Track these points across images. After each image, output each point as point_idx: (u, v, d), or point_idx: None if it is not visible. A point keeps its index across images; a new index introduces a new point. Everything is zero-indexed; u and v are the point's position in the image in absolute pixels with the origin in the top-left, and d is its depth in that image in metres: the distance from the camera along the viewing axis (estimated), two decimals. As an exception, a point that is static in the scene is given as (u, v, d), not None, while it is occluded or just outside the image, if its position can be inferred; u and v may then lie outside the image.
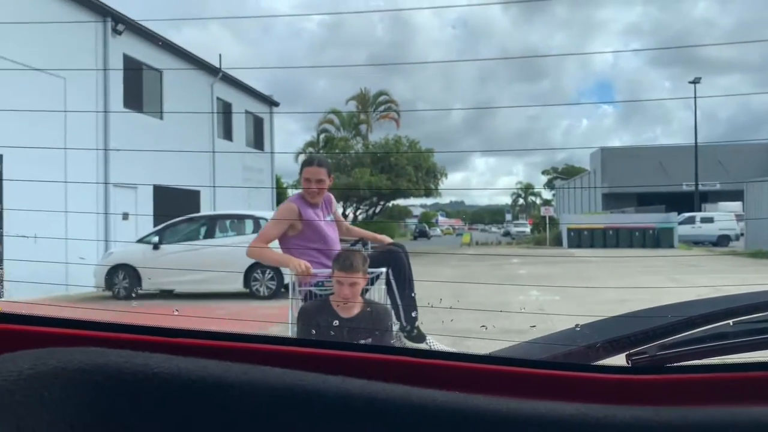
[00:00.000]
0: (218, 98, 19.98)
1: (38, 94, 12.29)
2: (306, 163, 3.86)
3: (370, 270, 3.38)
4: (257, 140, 23.59)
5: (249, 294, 11.05)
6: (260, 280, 11.09)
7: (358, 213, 31.73)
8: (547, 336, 1.12)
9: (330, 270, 3.38)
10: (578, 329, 1.10)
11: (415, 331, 3.57)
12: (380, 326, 3.17)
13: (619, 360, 0.97)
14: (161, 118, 16.62)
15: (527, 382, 0.82)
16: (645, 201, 38.60)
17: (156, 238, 11.55)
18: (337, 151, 31.04)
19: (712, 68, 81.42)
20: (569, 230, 28.68)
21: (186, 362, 0.67)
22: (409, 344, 3.50)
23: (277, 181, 26.95)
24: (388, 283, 3.58)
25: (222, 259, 10.54)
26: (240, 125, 22.02)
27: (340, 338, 3.10)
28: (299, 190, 3.89)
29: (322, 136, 32.40)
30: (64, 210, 12.27)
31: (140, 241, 11.72)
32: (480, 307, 7.21)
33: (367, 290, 3.40)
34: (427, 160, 29.00)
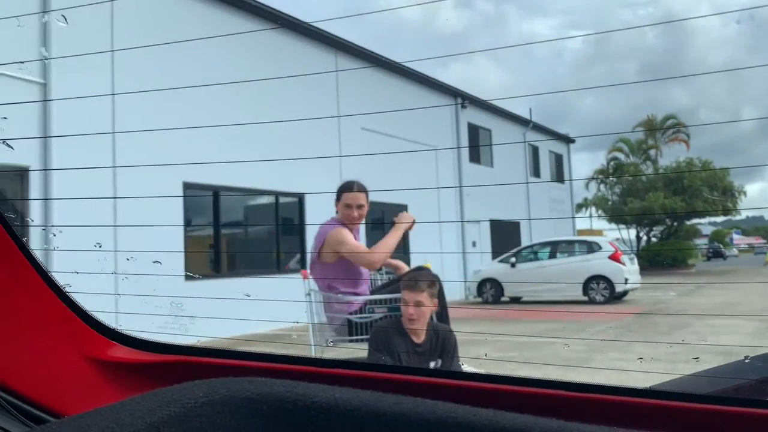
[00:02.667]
0: (529, 144, 24.05)
1: (418, 162, 17.52)
2: (344, 189, 3.69)
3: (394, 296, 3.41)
4: (558, 174, 27.18)
5: (588, 301, 14.43)
6: (596, 289, 14.40)
7: (651, 235, 33.02)
8: (713, 369, 1.05)
9: (365, 297, 3.57)
10: (748, 361, 1.02)
11: None
12: (448, 350, 3.16)
13: None
14: (492, 166, 21.24)
15: (693, 417, 0.76)
16: None
17: (513, 259, 15.68)
18: (628, 175, 33.00)
19: None
20: None
21: (342, 392, 0.68)
22: None
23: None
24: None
25: (564, 273, 14.17)
26: (545, 163, 25.87)
27: (415, 364, 3.09)
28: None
29: (611, 163, 34.57)
30: (439, 244, 17.26)
31: (501, 261, 16.01)
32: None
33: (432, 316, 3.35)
34: (723, 180, 29.33)
